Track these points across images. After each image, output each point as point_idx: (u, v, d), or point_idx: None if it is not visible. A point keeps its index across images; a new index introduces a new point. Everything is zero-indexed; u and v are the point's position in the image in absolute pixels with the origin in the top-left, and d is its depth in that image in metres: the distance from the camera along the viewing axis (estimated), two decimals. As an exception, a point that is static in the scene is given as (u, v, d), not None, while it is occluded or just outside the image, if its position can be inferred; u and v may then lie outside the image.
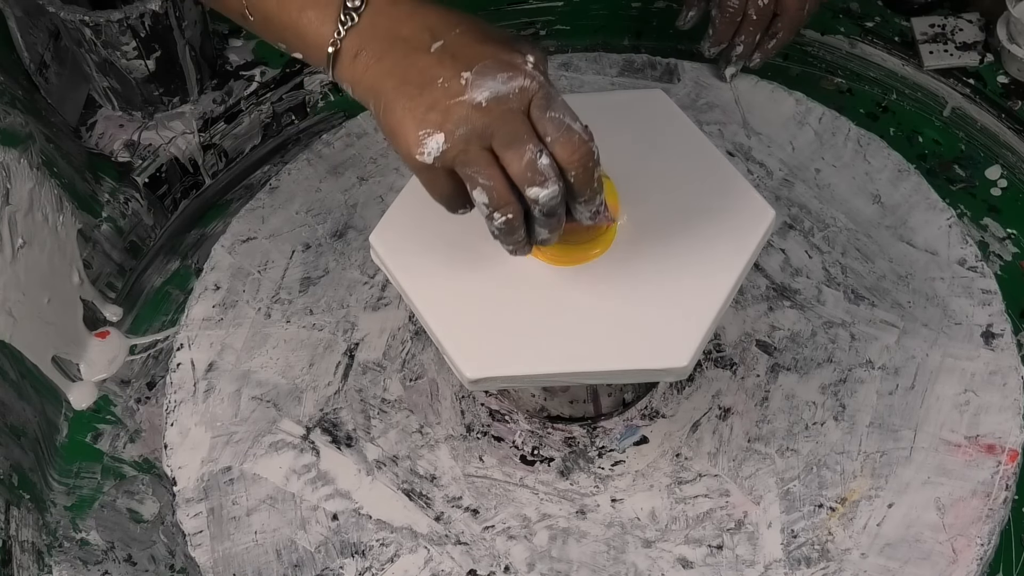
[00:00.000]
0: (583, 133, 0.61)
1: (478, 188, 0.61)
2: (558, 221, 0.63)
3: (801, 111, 0.94)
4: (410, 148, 0.61)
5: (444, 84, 0.60)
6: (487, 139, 0.60)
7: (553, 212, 0.62)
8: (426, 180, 0.63)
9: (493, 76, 0.60)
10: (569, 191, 0.62)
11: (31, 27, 0.97)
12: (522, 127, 0.60)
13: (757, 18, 0.91)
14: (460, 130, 0.60)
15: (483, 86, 0.60)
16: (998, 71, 1.02)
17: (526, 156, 0.60)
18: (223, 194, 1.05)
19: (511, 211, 0.62)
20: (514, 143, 0.60)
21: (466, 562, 0.76)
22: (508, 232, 0.63)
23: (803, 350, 0.83)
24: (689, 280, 0.69)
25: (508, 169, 0.60)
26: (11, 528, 0.81)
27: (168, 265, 1.00)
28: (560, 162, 0.61)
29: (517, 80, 0.60)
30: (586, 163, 0.61)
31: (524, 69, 0.61)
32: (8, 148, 0.84)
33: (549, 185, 0.60)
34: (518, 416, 0.81)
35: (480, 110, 0.60)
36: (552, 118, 0.60)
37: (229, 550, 0.77)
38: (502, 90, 0.60)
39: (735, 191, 0.72)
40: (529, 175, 0.60)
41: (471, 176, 0.61)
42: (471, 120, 0.60)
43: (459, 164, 0.61)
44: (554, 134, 0.60)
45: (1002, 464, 0.77)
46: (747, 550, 0.75)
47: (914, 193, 0.89)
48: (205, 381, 0.84)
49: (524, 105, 0.61)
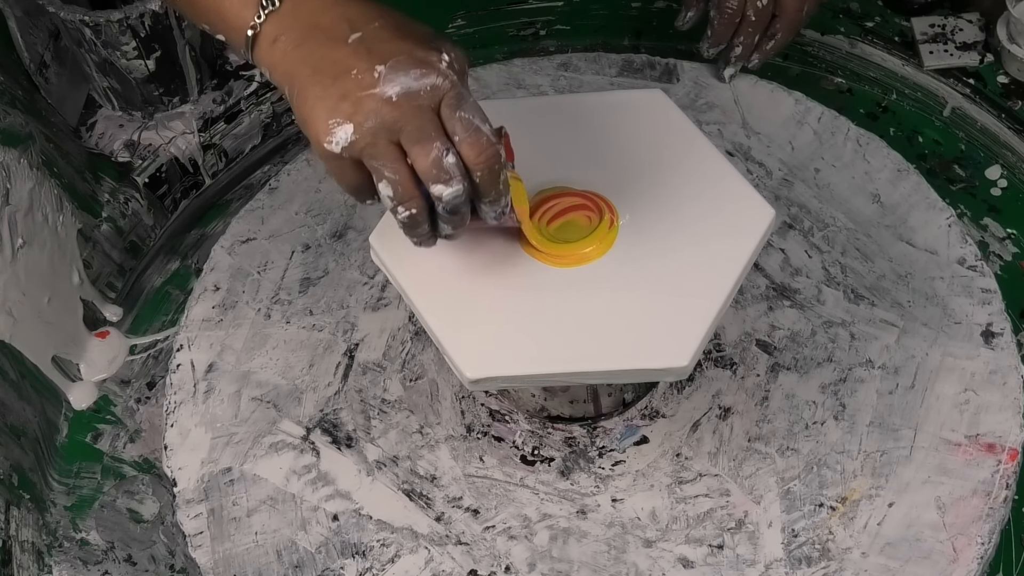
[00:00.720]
0: (491, 135, 0.62)
1: (384, 181, 0.62)
2: (461, 219, 0.64)
3: (801, 111, 0.94)
4: (319, 136, 0.61)
5: (357, 76, 0.61)
6: (395, 133, 0.61)
7: (456, 210, 0.63)
8: (334, 169, 0.63)
9: (406, 72, 0.61)
10: (475, 191, 0.63)
11: (31, 27, 0.97)
12: (430, 124, 0.61)
13: (756, 19, 0.91)
14: (369, 122, 0.60)
15: (395, 81, 0.60)
16: (998, 71, 1.02)
17: (432, 153, 0.61)
18: (223, 194, 1.05)
19: (415, 206, 0.62)
20: (421, 139, 0.61)
21: (467, 562, 0.76)
22: (411, 226, 0.64)
23: (803, 350, 0.83)
24: (689, 280, 0.69)
25: (414, 164, 0.61)
26: (11, 528, 0.81)
27: (168, 265, 1.00)
28: (466, 162, 0.62)
29: (429, 78, 0.61)
30: (491, 165, 0.62)
31: (438, 67, 0.61)
32: (8, 148, 0.84)
33: (453, 184, 0.61)
34: (518, 416, 0.81)
35: (390, 104, 0.60)
36: (461, 118, 0.61)
37: (229, 551, 0.77)
38: (413, 86, 0.61)
39: (735, 191, 0.72)
40: (434, 172, 0.61)
41: (377, 169, 0.61)
42: (381, 113, 0.60)
43: (366, 156, 0.61)
44: (462, 134, 0.61)
45: (1002, 463, 0.77)
46: (748, 550, 0.75)
47: (914, 193, 0.89)
48: (205, 382, 0.84)
49: (435, 103, 0.61)
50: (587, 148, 0.75)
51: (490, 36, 1.11)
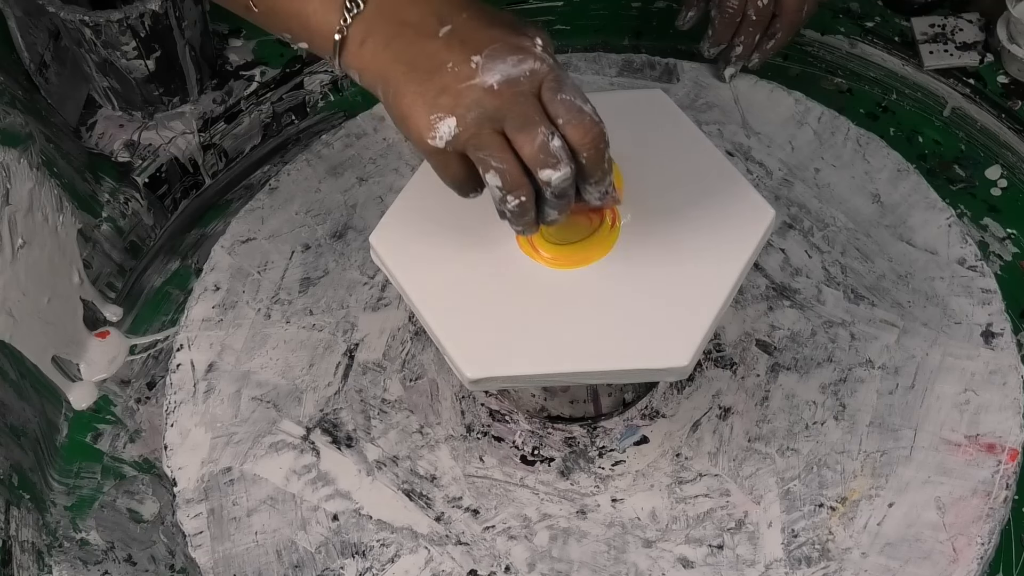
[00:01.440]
0: (594, 115, 0.61)
1: (491, 171, 0.61)
2: (568, 202, 0.63)
3: (800, 111, 0.94)
4: (422, 132, 0.61)
5: (454, 68, 0.60)
6: (499, 122, 0.60)
7: (564, 194, 0.62)
8: (438, 164, 0.63)
9: (503, 59, 0.60)
10: (580, 173, 0.62)
11: (31, 27, 0.97)
12: (533, 110, 0.60)
13: (756, 19, 0.91)
14: (472, 113, 0.60)
15: (494, 69, 0.60)
16: (998, 71, 1.02)
17: (538, 138, 0.60)
18: (223, 194, 1.05)
19: (524, 193, 0.62)
20: (526, 126, 0.60)
21: (466, 562, 0.76)
22: (520, 214, 0.63)
23: (803, 350, 0.83)
24: (689, 280, 0.69)
25: (520, 152, 0.61)
26: (11, 528, 0.81)
27: (168, 265, 1.00)
28: (572, 144, 0.61)
29: (528, 63, 0.60)
30: (597, 144, 0.61)
31: (534, 52, 0.61)
32: (8, 148, 0.84)
33: (561, 167, 0.61)
34: (518, 416, 0.81)
35: (492, 93, 0.60)
36: (563, 100, 0.60)
37: (229, 551, 0.77)
38: (513, 73, 0.60)
39: (735, 191, 0.72)
40: (542, 157, 0.60)
41: (484, 159, 0.61)
42: (483, 103, 0.60)
43: (471, 147, 0.61)
44: (565, 116, 0.60)
45: (1002, 463, 0.77)
46: (747, 550, 0.75)
47: (914, 193, 0.89)
48: (205, 382, 0.84)
49: (535, 88, 0.61)
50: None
51: (490, 36, 1.11)
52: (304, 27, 0.65)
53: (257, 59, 1.07)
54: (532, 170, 0.61)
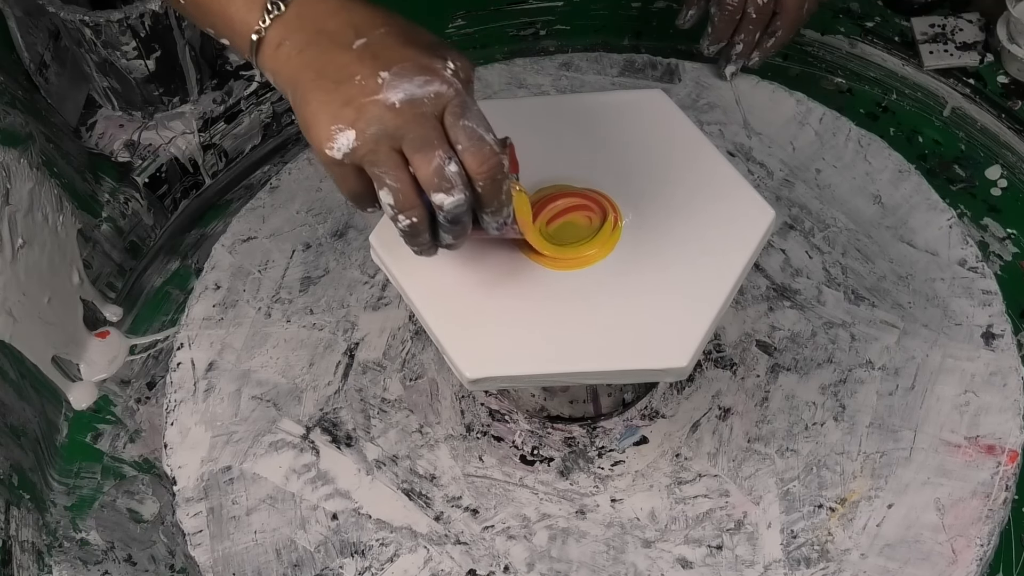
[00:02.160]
0: (495, 145, 0.61)
1: (385, 188, 0.61)
2: (463, 228, 0.63)
3: (802, 111, 0.94)
4: (321, 142, 0.61)
5: (361, 81, 0.60)
6: (398, 141, 0.60)
7: (458, 220, 0.62)
8: (335, 175, 0.63)
9: (410, 79, 0.60)
10: (477, 201, 0.62)
11: (31, 27, 0.97)
12: (433, 132, 0.60)
13: (756, 16, 0.91)
14: (371, 129, 0.60)
15: (399, 87, 0.60)
16: (998, 71, 1.02)
17: (434, 162, 0.60)
18: (223, 194, 1.05)
19: (416, 215, 0.62)
20: (424, 147, 0.60)
21: (466, 562, 0.76)
22: (412, 235, 0.63)
23: (803, 350, 0.83)
24: (689, 280, 0.69)
25: (416, 173, 0.61)
26: (11, 528, 0.81)
27: (168, 265, 1.00)
28: (469, 171, 0.61)
29: (433, 85, 0.60)
30: (494, 175, 0.61)
31: (443, 75, 0.61)
32: (8, 148, 0.84)
33: (455, 193, 0.60)
34: (518, 416, 0.81)
35: (393, 111, 0.60)
36: (465, 127, 0.60)
37: (229, 549, 0.77)
38: (417, 93, 0.60)
39: (735, 191, 0.72)
40: (436, 181, 0.60)
41: (379, 176, 0.61)
42: (383, 120, 0.60)
43: (368, 163, 0.61)
44: (465, 143, 0.60)
45: (1002, 465, 0.77)
46: (747, 550, 0.75)
47: (914, 193, 0.89)
48: (205, 381, 0.84)
49: (438, 111, 0.61)
50: (588, 148, 0.75)
51: (490, 36, 1.11)
52: (226, 24, 0.65)
53: (257, 59, 1.07)
54: (426, 192, 0.61)
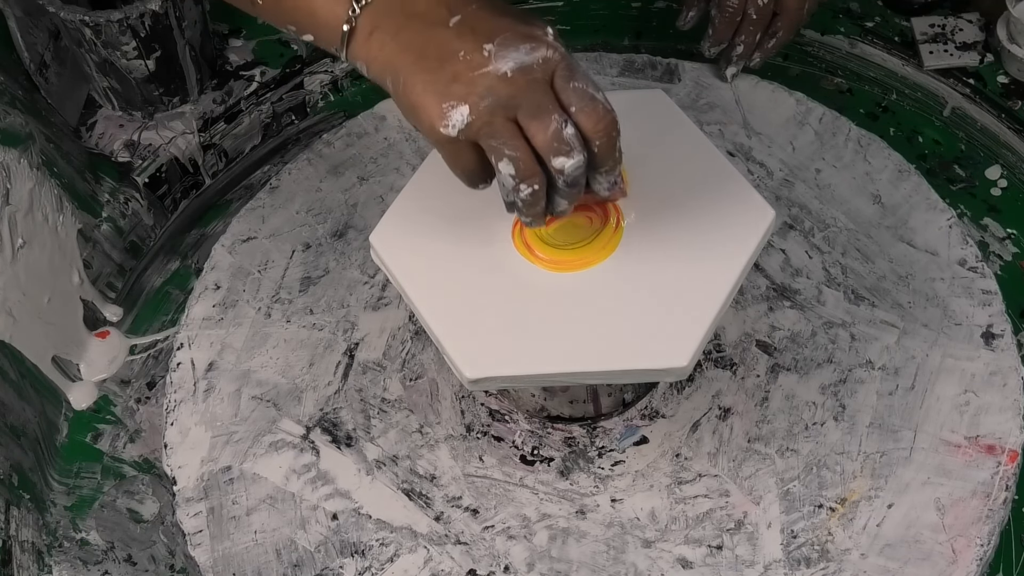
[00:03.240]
0: (606, 103, 0.61)
1: (504, 159, 0.61)
2: (578, 191, 0.63)
3: (801, 111, 0.94)
4: (433, 122, 0.60)
5: (466, 56, 0.60)
6: (512, 110, 0.60)
7: (576, 183, 0.62)
8: (449, 154, 0.62)
9: (516, 47, 0.60)
10: (591, 162, 0.62)
11: (31, 27, 0.97)
12: (546, 98, 0.60)
13: (757, 18, 0.91)
14: (485, 101, 0.59)
15: (507, 57, 0.60)
16: (998, 71, 1.02)
17: (552, 126, 0.60)
18: (223, 194, 1.05)
19: (537, 182, 0.62)
20: (540, 113, 0.60)
21: (466, 562, 0.76)
22: (531, 203, 0.63)
23: (803, 350, 0.83)
24: (689, 280, 0.69)
25: (533, 140, 0.60)
26: (11, 528, 0.81)
27: (168, 265, 1.00)
28: (584, 132, 0.61)
29: (540, 51, 0.60)
30: (610, 132, 0.61)
31: (546, 40, 0.61)
32: (8, 148, 0.84)
33: (574, 155, 0.60)
34: (518, 416, 0.81)
35: (505, 81, 0.59)
36: (576, 88, 0.60)
37: (229, 550, 0.77)
38: (526, 60, 0.60)
39: (735, 191, 0.72)
40: (555, 145, 0.60)
41: (497, 147, 0.61)
42: (496, 91, 0.59)
43: (484, 136, 0.60)
44: (578, 104, 0.60)
45: (1002, 464, 0.77)
46: (747, 550, 0.75)
47: (914, 193, 0.89)
48: (205, 381, 0.84)
49: (548, 75, 0.61)
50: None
51: (490, 36, 1.11)
52: (310, 18, 0.65)
53: (257, 59, 1.07)
54: (545, 158, 0.61)
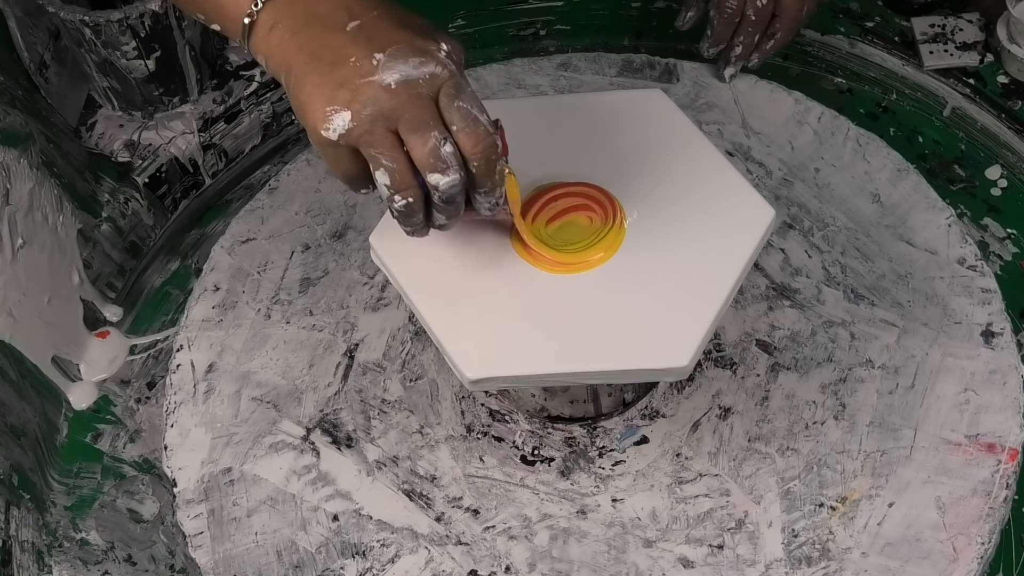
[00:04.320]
0: (488, 125, 0.62)
1: (381, 169, 0.61)
2: (456, 209, 0.64)
3: (801, 111, 0.94)
4: (316, 124, 0.61)
5: (356, 63, 0.61)
6: (393, 122, 0.61)
7: (452, 200, 0.63)
8: (330, 157, 0.63)
9: (405, 60, 0.61)
10: (471, 181, 0.63)
11: (31, 27, 0.97)
12: (428, 113, 0.61)
13: (756, 19, 0.91)
14: (367, 110, 0.60)
15: (394, 68, 0.60)
16: (998, 71, 1.02)
17: (430, 142, 0.60)
18: (223, 194, 1.05)
19: (411, 195, 0.62)
20: (419, 128, 0.60)
21: (467, 562, 0.76)
22: (407, 215, 0.63)
23: (803, 349, 0.83)
24: (689, 280, 0.69)
25: (412, 153, 0.61)
26: (11, 528, 0.81)
27: (168, 265, 1.00)
28: (463, 152, 0.61)
29: (428, 66, 0.61)
30: (488, 155, 0.62)
31: (437, 56, 0.61)
32: (8, 148, 0.84)
33: (450, 173, 0.61)
34: (518, 416, 0.81)
35: (389, 92, 0.60)
36: (459, 107, 0.61)
37: (229, 551, 0.77)
38: (412, 74, 0.60)
39: (735, 191, 0.72)
40: (431, 161, 0.61)
41: (375, 157, 0.61)
42: (379, 101, 0.60)
43: (363, 144, 0.61)
44: (460, 123, 0.61)
45: (1002, 463, 0.77)
46: (748, 549, 0.75)
47: (914, 193, 0.89)
48: (205, 382, 0.84)
49: (433, 92, 0.61)
50: (587, 148, 0.75)
51: (490, 36, 1.11)
52: (217, 9, 0.66)
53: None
54: (422, 172, 0.61)
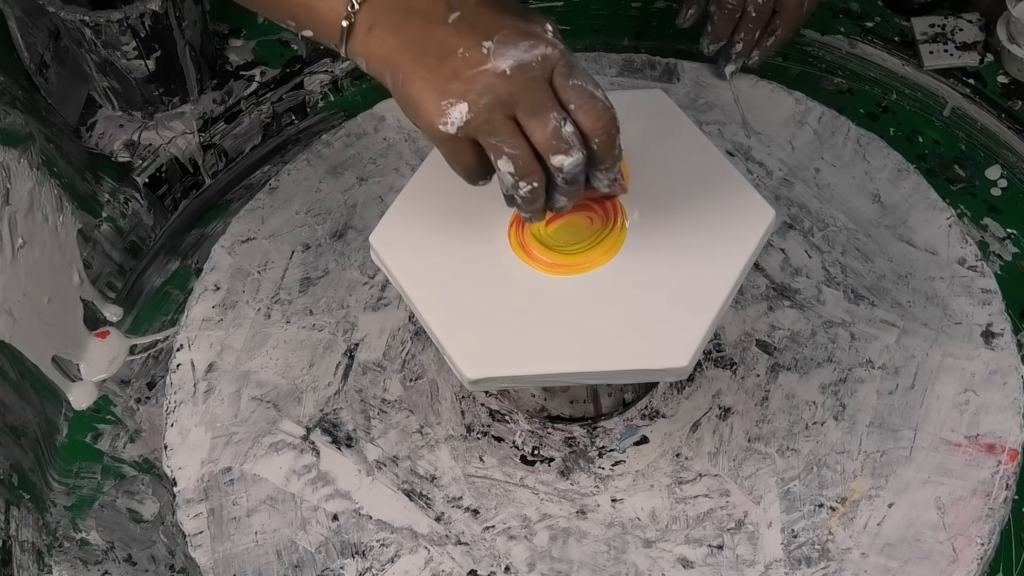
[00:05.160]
0: (605, 101, 0.61)
1: (504, 157, 0.61)
2: (578, 188, 0.63)
3: (801, 111, 0.94)
4: (432, 119, 0.60)
5: (465, 54, 0.60)
6: (511, 108, 0.60)
7: (575, 180, 0.62)
8: (448, 151, 0.62)
9: (515, 45, 0.60)
10: (591, 158, 0.62)
11: (31, 27, 0.97)
12: (545, 95, 0.60)
13: (756, 15, 0.91)
14: (484, 99, 0.60)
15: (506, 54, 0.60)
16: (998, 71, 1.02)
17: (551, 124, 0.60)
18: (223, 194, 1.05)
19: (536, 179, 0.62)
20: (539, 111, 0.60)
21: (466, 562, 0.76)
22: (531, 200, 0.63)
23: (803, 350, 0.83)
24: (689, 280, 0.69)
25: (532, 137, 0.60)
26: (11, 528, 0.81)
27: (168, 265, 1.00)
28: (583, 129, 0.61)
29: (539, 48, 0.60)
30: (609, 130, 0.61)
31: (545, 37, 0.61)
32: (8, 148, 0.84)
33: (573, 153, 0.61)
34: (518, 416, 0.81)
35: (504, 78, 0.60)
36: (575, 86, 0.60)
37: (229, 551, 0.77)
38: (525, 58, 0.60)
39: (735, 191, 0.72)
40: (554, 143, 0.60)
41: (496, 145, 0.61)
42: (495, 89, 0.59)
43: (483, 133, 0.61)
44: (577, 101, 0.60)
45: (1002, 463, 0.77)
46: (747, 550, 0.75)
47: (914, 193, 0.89)
48: (205, 382, 0.84)
49: (547, 73, 0.61)
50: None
51: (490, 36, 1.11)
52: (310, 14, 0.65)
53: (257, 59, 1.07)
54: (544, 156, 0.61)
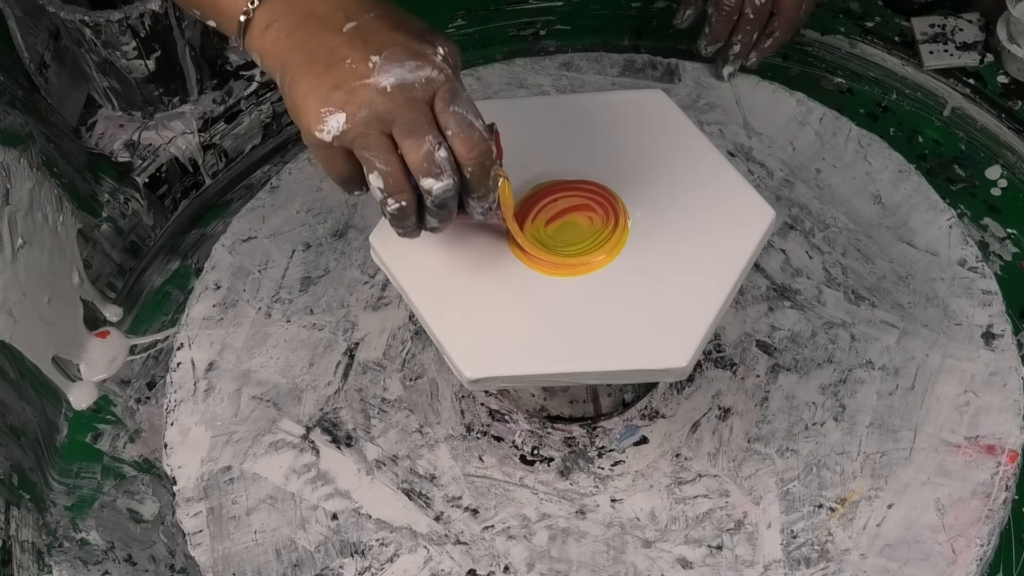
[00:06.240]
0: (483, 131, 0.62)
1: (375, 172, 0.61)
2: (449, 213, 0.64)
3: (802, 111, 0.94)
4: (310, 124, 0.61)
5: (351, 65, 0.60)
6: (388, 125, 0.61)
7: (445, 204, 0.63)
8: (323, 158, 0.63)
9: (401, 63, 0.60)
10: (464, 186, 0.63)
11: (31, 27, 0.97)
12: (423, 117, 0.61)
13: (754, 17, 0.91)
14: (362, 112, 0.60)
15: (390, 72, 0.60)
16: (998, 71, 1.02)
17: (424, 147, 0.60)
18: (223, 194, 1.05)
19: (405, 198, 0.62)
20: (414, 132, 0.60)
21: (466, 562, 0.76)
22: (399, 218, 0.63)
23: (803, 350, 0.83)
24: (689, 280, 0.69)
25: (406, 157, 0.61)
26: (11, 528, 0.81)
27: (168, 265, 1.00)
28: (458, 157, 0.61)
29: (424, 70, 0.61)
30: (482, 161, 0.62)
31: (433, 60, 0.61)
32: (8, 148, 0.84)
33: (444, 178, 0.61)
34: (518, 416, 0.81)
35: (384, 95, 0.60)
36: (455, 112, 0.61)
37: (229, 549, 0.77)
38: (408, 78, 0.60)
39: (735, 191, 0.72)
40: (425, 166, 0.61)
41: (369, 159, 0.61)
42: (374, 104, 0.60)
43: (358, 146, 0.61)
44: (455, 129, 0.61)
45: (1002, 465, 0.77)
46: (747, 550, 0.75)
47: (914, 194, 0.89)
48: (205, 381, 0.84)
49: (429, 96, 0.61)
50: (588, 148, 0.75)
51: (490, 36, 1.11)
52: (213, 5, 0.65)
53: (257, 59, 1.07)
54: (415, 176, 0.61)
